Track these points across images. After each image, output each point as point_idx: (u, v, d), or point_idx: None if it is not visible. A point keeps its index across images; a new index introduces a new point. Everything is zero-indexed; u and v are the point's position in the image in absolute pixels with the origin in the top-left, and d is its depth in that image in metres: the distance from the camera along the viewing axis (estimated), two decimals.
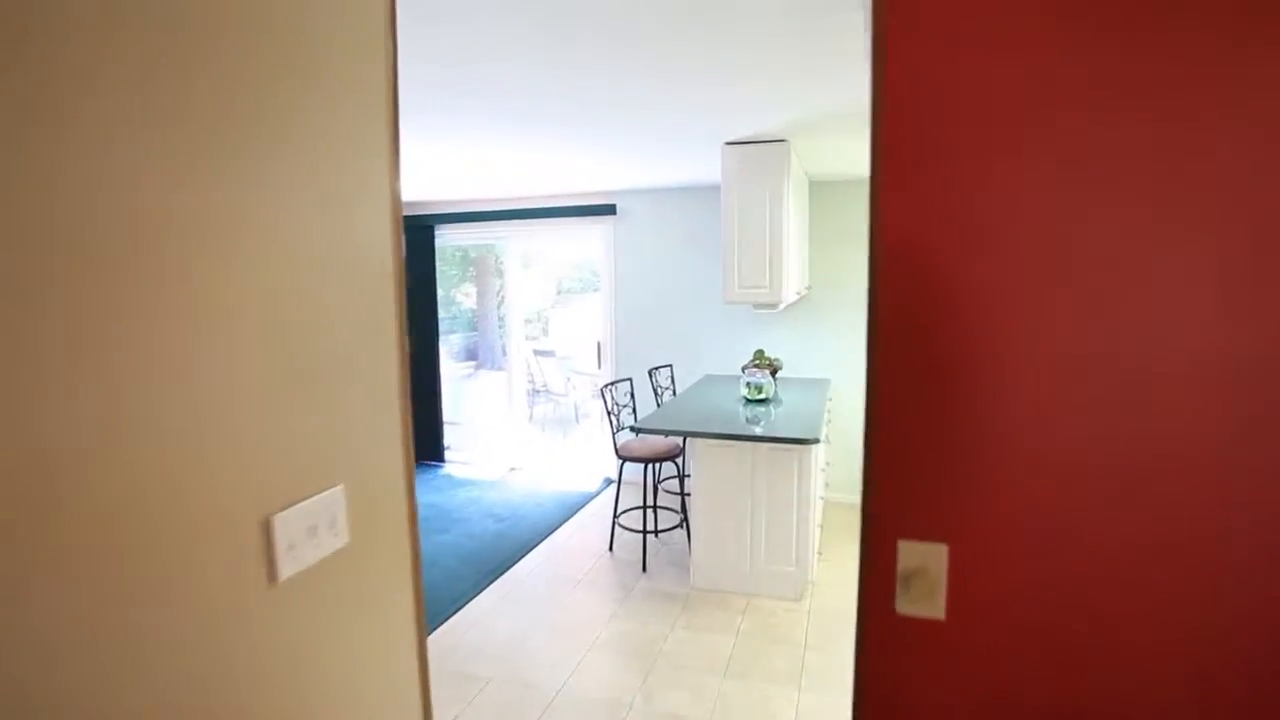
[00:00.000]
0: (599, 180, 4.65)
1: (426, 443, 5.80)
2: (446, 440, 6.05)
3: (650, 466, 3.92)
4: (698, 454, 3.47)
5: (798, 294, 3.88)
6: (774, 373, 4.67)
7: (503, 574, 3.78)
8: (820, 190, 4.75)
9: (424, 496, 4.92)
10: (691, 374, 5.16)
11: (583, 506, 4.87)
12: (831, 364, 4.87)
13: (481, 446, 6.15)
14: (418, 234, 5.67)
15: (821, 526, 3.99)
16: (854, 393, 4.82)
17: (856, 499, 1.14)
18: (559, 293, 14.13)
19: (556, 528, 4.47)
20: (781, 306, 3.52)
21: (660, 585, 3.67)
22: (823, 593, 3.51)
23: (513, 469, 5.80)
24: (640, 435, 3.75)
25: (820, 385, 4.53)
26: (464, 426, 6.39)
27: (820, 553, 3.80)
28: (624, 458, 3.89)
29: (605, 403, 3.98)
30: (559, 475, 5.61)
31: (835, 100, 2.61)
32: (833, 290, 4.80)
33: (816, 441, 3.14)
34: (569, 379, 8.11)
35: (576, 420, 7.88)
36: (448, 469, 5.82)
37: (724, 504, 3.45)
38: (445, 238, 5.85)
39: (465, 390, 7.19)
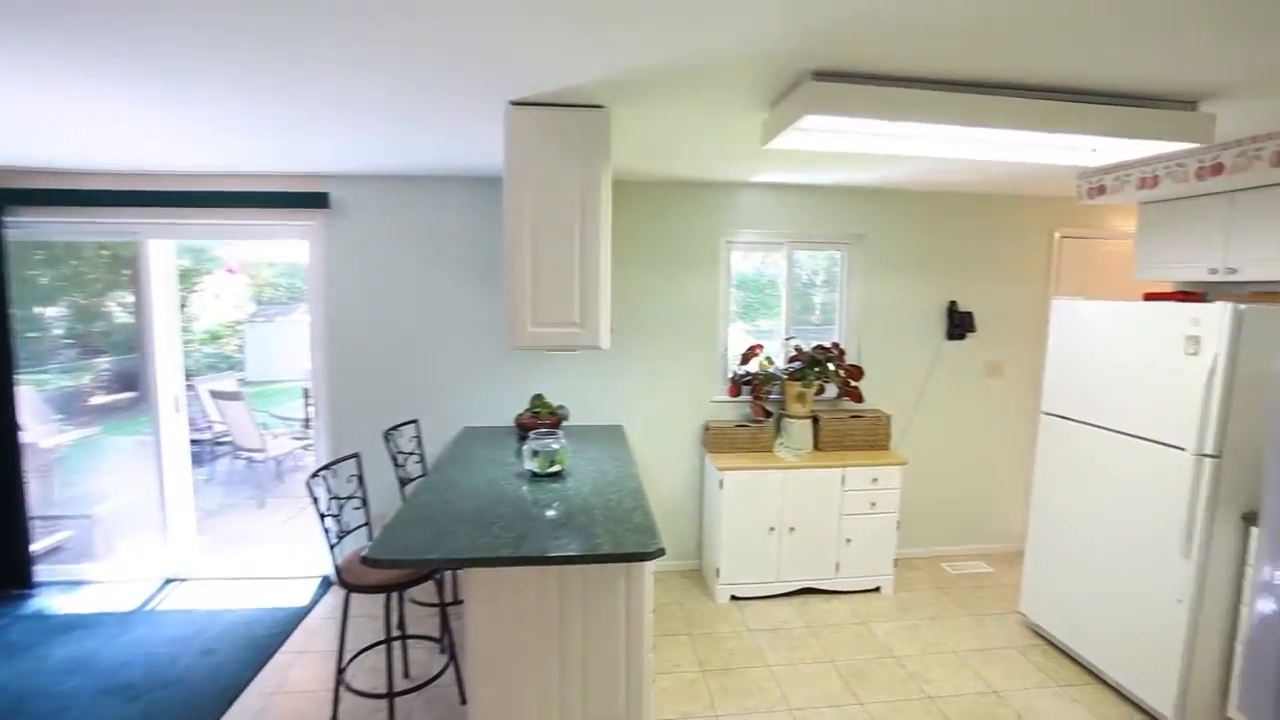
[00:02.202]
0: (300, 156, 3.11)
1: None
2: (40, 546, 3.82)
3: (394, 595, 2.56)
4: (474, 580, 2.24)
5: (612, 331, 2.86)
6: (558, 424, 3.60)
7: None
8: (622, 194, 3.82)
9: None
10: (445, 428, 3.84)
11: (287, 638, 3.24)
12: (623, 409, 3.96)
13: (116, 548, 4.02)
14: None
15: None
16: (657, 441, 3.97)
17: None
18: (259, 304, 11.34)
19: (240, 691, 2.82)
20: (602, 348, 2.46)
21: None
22: None
23: (169, 582, 3.83)
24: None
25: (616, 437, 3.58)
26: (84, 518, 4.15)
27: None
28: (350, 585, 2.47)
29: (316, 502, 2.50)
30: (248, 585, 3.82)
31: (688, 39, 1.64)
32: (626, 320, 3.89)
33: (658, 553, 2.13)
34: (267, 428, 6.07)
35: (280, 480, 5.89)
36: (40, 600, 3.62)
37: (517, 644, 2.27)
38: (41, 227, 3.64)
39: (98, 451, 4.79)
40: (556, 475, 2.89)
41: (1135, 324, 2.79)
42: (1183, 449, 2.55)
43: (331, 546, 2.49)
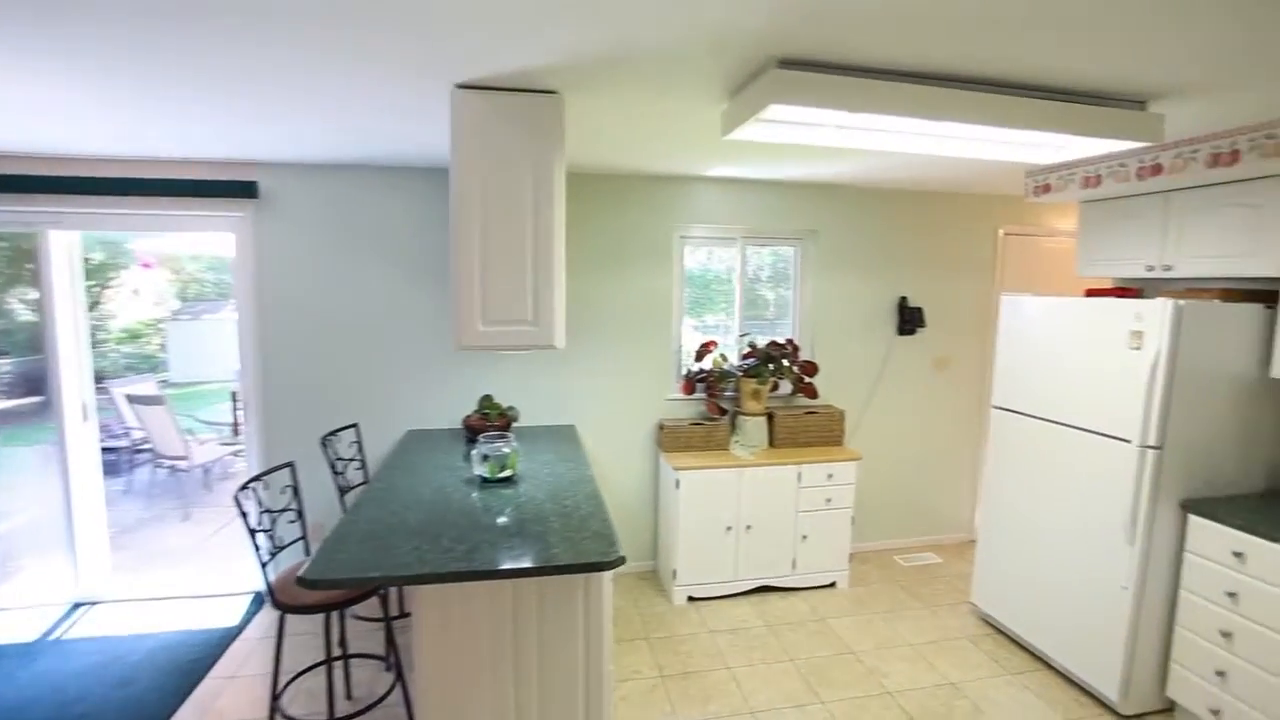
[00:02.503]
0: (226, 141, 2.87)
1: None
2: None
3: (334, 614, 2.38)
4: (422, 597, 2.09)
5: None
6: (508, 425, 3.47)
7: None
8: (572, 186, 3.69)
9: None
10: (387, 432, 3.65)
11: (215, 662, 3.00)
12: (575, 408, 3.85)
13: (17, 570, 3.66)
14: None
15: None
16: (611, 441, 3.87)
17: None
18: (185, 300, 10.67)
19: None
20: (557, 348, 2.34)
21: None
22: None
23: (79, 606, 3.51)
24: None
25: (569, 438, 3.47)
26: None
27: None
28: (284, 606, 2.28)
29: (245, 517, 2.30)
30: (171, 605, 3.53)
31: (647, 21, 1.55)
32: (578, 317, 3.77)
33: (619, 562, 2.04)
34: (193, 433, 5.68)
35: (208, 489, 5.52)
36: None
37: (469, 660, 2.15)
38: None
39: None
40: (508, 480, 2.76)
41: (1081, 319, 2.85)
42: (1128, 441, 2.62)
43: (263, 564, 2.30)
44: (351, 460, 3.41)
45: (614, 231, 3.78)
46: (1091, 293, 3.18)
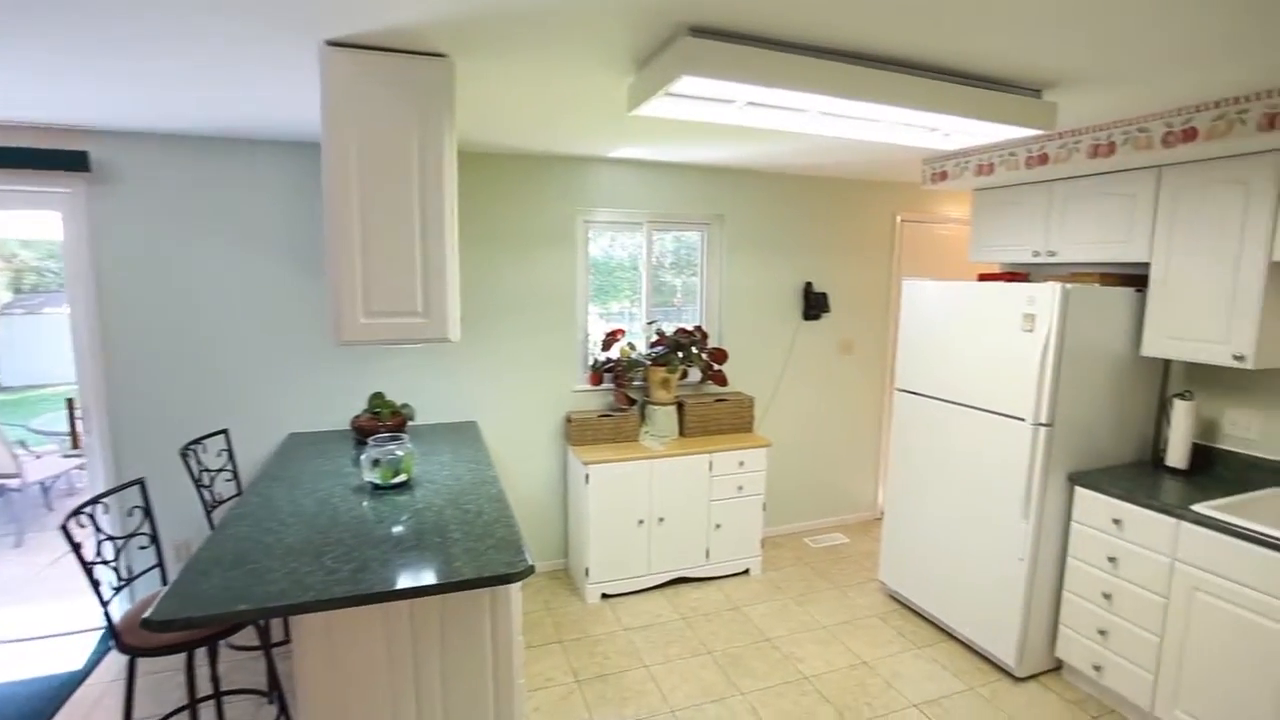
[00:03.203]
0: (48, 104, 2.41)
1: None
2: None
3: (198, 651, 2.07)
4: (303, 628, 1.84)
5: (460, 319, 2.52)
6: (403, 425, 3.21)
7: None
8: (467, 166, 3.43)
9: None
10: (265, 437, 3.27)
11: (53, 715, 2.57)
12: (476, 404, 3.62)
13: None
14: None
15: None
16: (516, 436, 3.68)
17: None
18: (17, 293, 9.39)
19: None
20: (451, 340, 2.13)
21: None
22: None
23: None
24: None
25: (469, 435, 3.25)
26: None
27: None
28: (132, 649, 1.95)
29: (78, 549, 1.93)
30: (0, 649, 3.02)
31: None
32: (477, 306, 3.53)
33: (527, 572, 1.88)
34: (26, 445, 4.94)
35: (49, 509, 4.82)
36: None
37: (363, 691, 1.92)
38: None
39: None
40: (403, 486, 2.52)
41: (978, 303, 2.94)
42: (1022, 419, 2.73)
43: (104, 603, 1.95)
44: (221, 471, 3.02)
45: (515, 216, 3.55)
46: (984, 277, 3.30)
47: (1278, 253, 2.28)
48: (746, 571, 3.82)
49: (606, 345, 3.74)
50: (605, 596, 3.53)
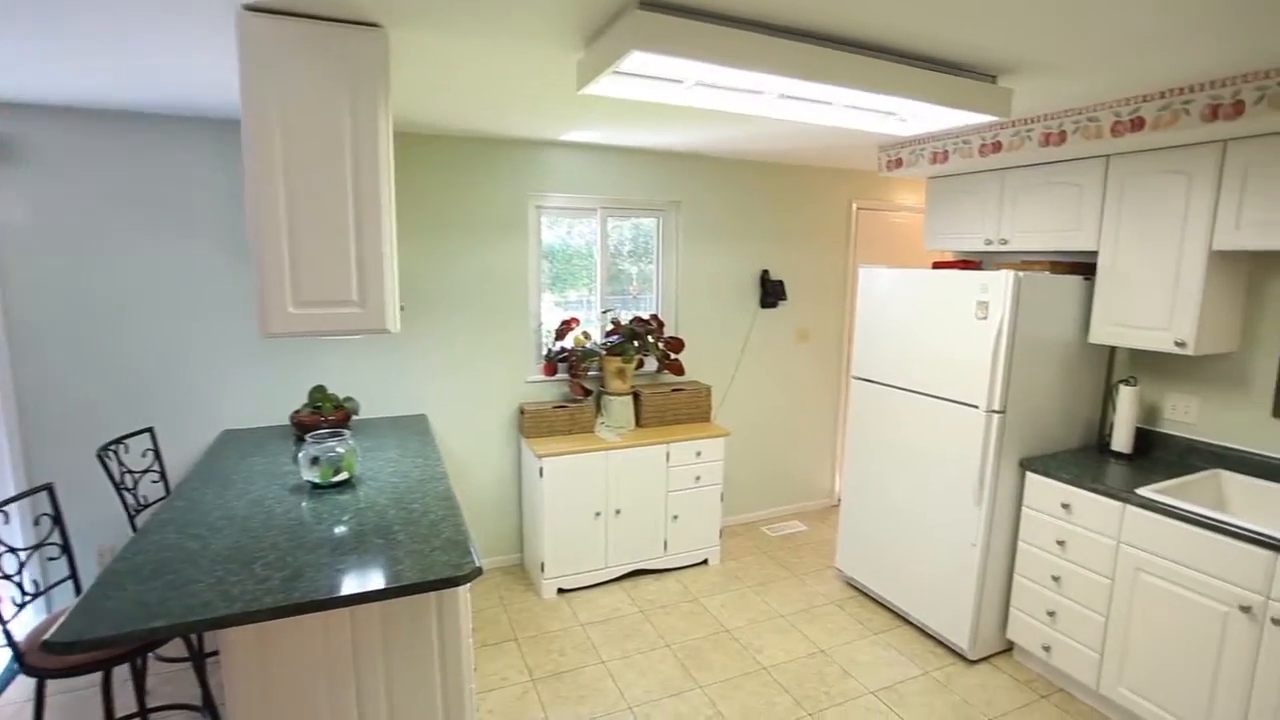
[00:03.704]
0: None
1: None
2: None
3: (118, 668, 1.92)
4: (230, 642, 1.72)
5: (402, 309, 2.38)
6: (347, 420, 3.06)
7: None
8: (410, 149, 3.26)
9: None
10: (196, 435, 3.08)
11: None
12: (425, 396, 3.48)
13: None
14: None
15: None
16: (468, 430, 3.56)
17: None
18: None
19: None
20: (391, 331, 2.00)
21: None
22: None
23: None
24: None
25: (418, 429, 3.12)
26: None
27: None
28: (37, 670, 1.79)
29: None
30: None
31: None
32: (423, 295, 3.39)
33: (474, 574, 1.79)
34: None
35: None
36: None
37: (301, 705, 1.81)
38: None
39: None
40: (344, 485, 2.39)
41: (933, 291, 2.94)
42: (975, 406, 2.75)
43: (3, 621, 1.79)
44: (146, 472, 2.83)
45: (464, 201, 3.41)
46: (938, 265, 3.31)
47: (1218, 242, 2.32)
48: (705, 562, 3.79)
49: (560, 334, 3.64)
50: (561, 591, 3.46)
